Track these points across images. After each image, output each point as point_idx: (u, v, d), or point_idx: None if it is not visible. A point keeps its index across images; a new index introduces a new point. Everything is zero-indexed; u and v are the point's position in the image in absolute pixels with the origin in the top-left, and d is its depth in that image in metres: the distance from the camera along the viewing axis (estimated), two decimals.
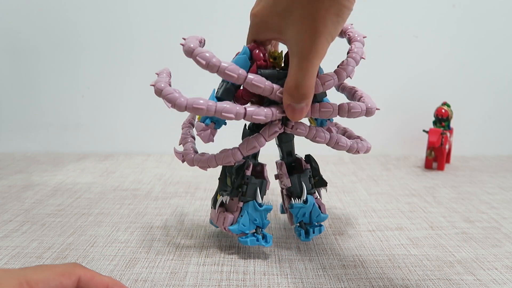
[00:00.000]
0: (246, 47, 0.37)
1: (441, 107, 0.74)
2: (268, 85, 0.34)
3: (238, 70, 0.33)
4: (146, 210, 0.53)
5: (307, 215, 0.41)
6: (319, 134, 0.37)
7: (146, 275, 0.37)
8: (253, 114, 0.33)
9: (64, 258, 0.40)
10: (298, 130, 0.37)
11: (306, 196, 0.41)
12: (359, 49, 0.37)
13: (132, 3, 0.79)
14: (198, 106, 0.31)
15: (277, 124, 0.36)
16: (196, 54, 0.32)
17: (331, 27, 0.31)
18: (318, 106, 0.36)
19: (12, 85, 0.82)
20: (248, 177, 0.39)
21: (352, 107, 0.36)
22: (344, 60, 0.36)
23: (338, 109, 0.36)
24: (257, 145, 0.36)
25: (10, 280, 0.23)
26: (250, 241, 0.39)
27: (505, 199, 0.59)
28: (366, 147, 0.40)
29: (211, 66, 0.32)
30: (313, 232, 0.41)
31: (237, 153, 0.36)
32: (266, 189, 0.40)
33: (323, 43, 0.31)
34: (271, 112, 0.34)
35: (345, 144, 0.38)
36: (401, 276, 0.37)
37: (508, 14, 0.81)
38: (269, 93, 0.34)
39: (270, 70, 0.36)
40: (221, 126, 0.41)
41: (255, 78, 0.33)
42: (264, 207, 0.40)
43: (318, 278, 0.37)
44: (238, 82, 0.33)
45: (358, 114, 0.36)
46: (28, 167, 0.72)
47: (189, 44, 0.33)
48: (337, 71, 0.36)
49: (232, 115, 0.33)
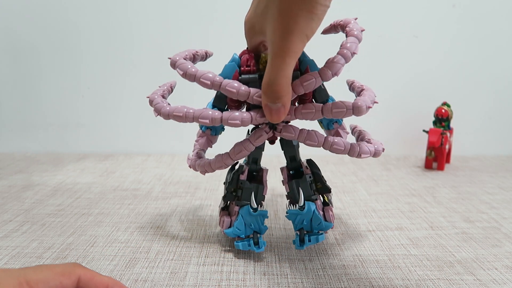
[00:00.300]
0: (235, 54, 0.37)
1: (441, 107, 0.74)
2: (243, 90, 0.34)
3: (213, 78, 0.34)
4: (146, 210, 0.53)
5: (307, 222, 0.40)
6: (310, 137, 0.35)
7: (146, 275, 0.37)
8: (228, 118, 0.34)
9: (64, 258, 0.40)
10: (286, 133, 0.36)
11: (304, 203, 0.39)
12: (352, 44, 0.33)
13: (132, 3, 0.79)
14: (177, 113, 0.34)
15: (263, 128, 0.36)
16: (177, 65, 0.35)
17: (304, 24, 0.30)
18: (299, 108, 0.34)
19: (12, 85, 0.82)
20: (242, 182, 0.39)
21: (336, 106, 0.33)
22: (331, 57, 0.33)
23: (321, 109, 0.34)
24: (243, 149, 0.36)
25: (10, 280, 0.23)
26: (242, 245, 0.39)
27: (505, 199, 0.59)
28: (371, 151, 0.36)
29: (188, 75, 0.34)
30: (309, 240, 0.39)
31: (227, 158, 0.37)
32: (263, 194, 0.40)
33: (296, 41, 0.30)
34: (249, 116, 0.34)
35: (343, 147, 0.35)
36: (401, 276, 0.37)
37: (508, 14, 0.81)
38: (245, 98, 0.34)
39: (251, 75, 0.36)
40: (219, 132, 0.42)
41: (228, 84, 0.34)
42: (258, 212, 0.39)
43: (318, 278, 0.37)
44: (214, 88, 0.34)
45: (343, 114, 0.33)
46: (28, 167, 0.72)
47: (175, 57, 0.36)
48: (321, 70, 0.33)
49: (207, 121, 0.34)
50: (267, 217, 0.40)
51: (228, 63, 0.37)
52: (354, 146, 0.36)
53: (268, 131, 0.36)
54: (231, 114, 0.34)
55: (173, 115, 0.34)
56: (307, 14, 0.29)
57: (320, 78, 0.33)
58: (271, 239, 0.44)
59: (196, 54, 0.39)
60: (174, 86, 0.41)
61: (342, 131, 0.40)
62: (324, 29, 0.41)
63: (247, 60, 0.36)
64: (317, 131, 0.36)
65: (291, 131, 0.35)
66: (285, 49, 0.30)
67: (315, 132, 0.35)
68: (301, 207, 0.39)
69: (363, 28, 0.35)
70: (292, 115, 0.35)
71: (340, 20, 0.37)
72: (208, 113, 0.34)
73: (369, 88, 0.37)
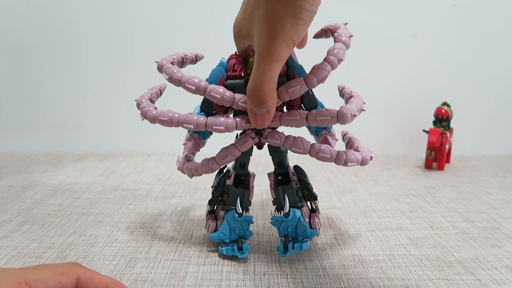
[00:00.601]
0: (222, 58, 0.37)
1: (441, 107, 0.74)
2: (228, 96, 0.33)
3: (198, 83, 0.34)
4: (146, 210, 0.53)
5: (292, 229, 0.39)
6: (296, 144, 0.35)
7: (146, 275, 0.37)
8: (213, 124, 0.33)
9: (64, 258, 0.40)
10: (272, 140, 0.35)
11: (289, 210, 0.38)
12: (339, 51, 0.32)
13: (132, 3, 0.79)
14: (162, 118, 0.34)
15: (249, 133, 0.36)
16: (164, 70, 0.35)
17: (290, 29, 0.29)
18: (284, 114, 0.34)
19: (12, 85, 0.82)
20: (228, 187, 0.39)
21: (320, 114, 0.33)
22: (318, 64, 0.33)
23: (306, 117, 0.33)
24: (229, 154, 0.36)
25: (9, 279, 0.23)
26: (226, 250, 0.40)
27: (505, 199, 0.59)
28: (358, 159, 0.36)
29: (174, 79, 0.34)
30: (292, 248, 0.39)
31: (213, 163, 0.36)
32: (249, 199, 0.40)
33: (281, 46, 0.30)
34: (234, 122, 0.34)
35: (329, 154, 0.35)
36: (401, 276, 0.37)
37: (508, 14, 0.81)
38: (230, 104, 0.34)
39: (237, 81, 0.36)
40: (207, 136, 0.42)
41: (213, 90, 0.33)
42: (243, 217, 0.39)
43: (318, 278, 0.37)
44: (199, 93, 0.34)
45: (327, 122, 0.33)
46: (28, 167, 0.72)
47: (162, 61, 0.36)
48: (307, 76, 0.32)
49: (192, 126, 0.34)
50: (252, 223, 0.40)
51: (216, 68, 0.36)
52: (341, 154, 0.35)
53: (254, 137, 0.36)
54: (216, 119, 0.34)
55: (158, 119, 0.34)
56: (293, 19, 0.29)
57: (306, 85, 0.32)
58: (271, 239, 0.44)
59: (185, 58, 0.39)
60: (164, 89, 0.42)
61: (330, 138, 0.39)
62: (316, 33, 0.40)
63: (234, 65, 0.36)
64: (304, 138, 0.35)
65: (277, 137, 0.35)
66: (271, 54, 0.30)
67: (301, 139, 0.35)
68: (286, 214, 0.39)
69: (351, 34, 0.34)
70: (277, 121, 0.34)
71: (330, 25, 0.37)
72: (193, 118, 0.34)
73: (358, 95, 0.37)
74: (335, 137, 0.40)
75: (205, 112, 0.38)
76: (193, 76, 0.34)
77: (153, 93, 0.39)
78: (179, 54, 0.39)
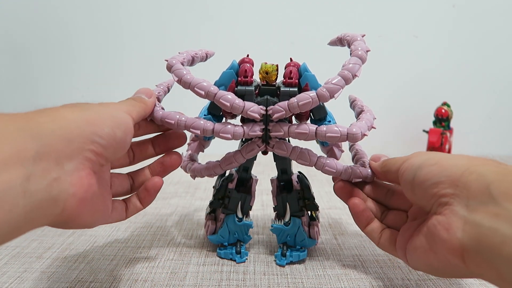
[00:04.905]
0: (234, 61, 0.36)
1: (441, 107, 0.74)
2: (237, 104, 0.32)
3: (208, 87, 0.32)
4: (146, 210, 0.53)
5: (291, 237, 0.39)
6: (302, 156, 0.34)
7: (146, 275, 0.37)
8: (220, 131, 0.33)
9: (64, 258, 0.40)
10: (278, 150, 0.35)
11: (290, 218, 0.38)
12: (355, 66, 0.32)
13: (132, 4, 0.79)
14: (169, 120, 0.34)
15: (256, 141, 0.35)
16: (173, 71, 0.33)
17: None
18: (293, 127, 0.33)
19: (11, 85, 0.82)
20: (230, 191, 0.39)
21: (330, 131, 0.32)
22: (331, 78, 0.32)
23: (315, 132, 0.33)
24: (234, 161, 0.36)
25: None
26: (224, 253, 0.40)
27: None
28: (363, 175, 0.36)
29: (183, 82, 0.33)
30: (290, 256, 0.39)
31: (217, 167, 0.36)
32: (250, 205, 0.40)
33: None
34: (242, 131, 0.33)
35: (335, 169, 0.35)
36: (401, 276, 0.37)
37: (508, 14, 0.81)
38: (239, 111, 0.33)
39: (247, 88, 0.35)
40: (212, 137, 0.41)
41: (223, 96, 0.32)
42: (243, 222, 0.39)
43: (318, 278, 0.37)
44: (208, 98, 0.33)
45: (337, 139, 0.32)
46: None
47: (171, 60, 0.34)
48: (319, 91, 0.31)
49: (199, 131, 0.33)
50: (252, 228, 0.40)
51: (226, 70, 0.35)
52: (347, 170, 0.35)
53: (260, 145, 0.35)
54: (223, 127, 0.33)
55: (165, 121, 0.34)
56: None
57: (318, 100, 0.31)
58: (271, 238, 0.44)
59: (195, 56, 0.38)
60: (172, 86, 0.40)
61: (336, 149, 0.39)
62: (331, 41, 0.39)
63: (245, 71, 0.35)
64: (310, 150, 0.35)
65: (284, 148, 0.35)
66: None
67: (308, 151, 0.35)
68: (286, 223, 0.39)
69: (368, 49, 0.33)
70: (286, 132, 0.33)
71: (347, 35, 0.36)
72: (200, 123, 0.33)
73: (369, 110, 0.37)
74: (341, 148, 0.40)
75: (212, 114, 0.37)
76: (203, 80, 0.33)
77: (160, 90, 0.37)
78: (189, 52, 0.37)
